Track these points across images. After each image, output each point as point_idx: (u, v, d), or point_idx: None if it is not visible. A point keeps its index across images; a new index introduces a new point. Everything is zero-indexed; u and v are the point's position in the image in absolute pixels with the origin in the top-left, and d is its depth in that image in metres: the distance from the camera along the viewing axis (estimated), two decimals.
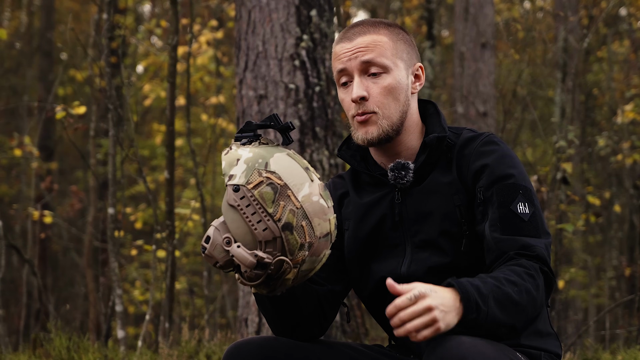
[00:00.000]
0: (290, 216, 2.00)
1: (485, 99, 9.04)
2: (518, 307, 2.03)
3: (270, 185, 2.01)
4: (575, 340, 6.31)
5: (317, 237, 2.03)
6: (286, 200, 2.01)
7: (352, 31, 2.25)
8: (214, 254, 2.04)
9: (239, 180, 2.03)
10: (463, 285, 1.96)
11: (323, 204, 2.04)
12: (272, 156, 2.04)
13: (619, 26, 11.48)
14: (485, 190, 2.18)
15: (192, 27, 7.34)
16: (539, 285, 2.08)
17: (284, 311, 2.19)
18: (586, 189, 10.29)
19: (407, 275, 2.21)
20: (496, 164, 2.20)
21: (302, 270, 2.05)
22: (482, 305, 1.97)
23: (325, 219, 2.04)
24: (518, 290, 2.04)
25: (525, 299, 2.04)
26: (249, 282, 2.05)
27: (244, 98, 4.86)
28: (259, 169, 2.03)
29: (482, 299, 1.97)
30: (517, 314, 2.04)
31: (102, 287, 7.92)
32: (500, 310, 2.00)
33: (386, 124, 2.21)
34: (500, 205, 2.16)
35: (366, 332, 5.03)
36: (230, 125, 10.41)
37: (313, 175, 2.06)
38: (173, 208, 5.86)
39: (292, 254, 2.02)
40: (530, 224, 2.15)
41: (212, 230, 2.05)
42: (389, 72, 2.22)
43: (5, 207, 12.76)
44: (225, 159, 2.07)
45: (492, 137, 2.25)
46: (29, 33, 14.73)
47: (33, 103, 11.78)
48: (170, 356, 4.93)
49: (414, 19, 11.38)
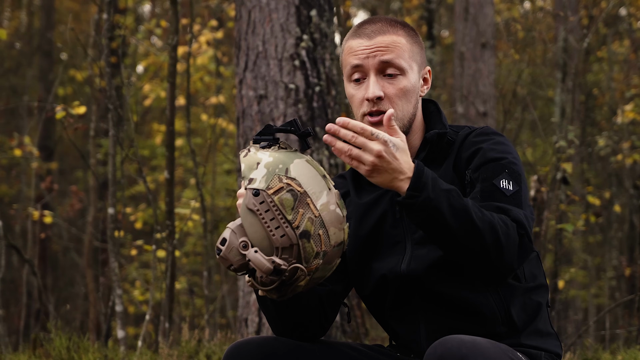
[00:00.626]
0: (308, 224, 2.00)
1: (485, 99, 9.05)
2: (472, 227, 2.00)
3: (290, 192, 2.01)
4: (575, 340, 6.32)
5: (332, 245, 2.04)
6: (305, 208, 2.01)
7: (371, 28, 2.23)
8: (229, 257, 2.03)
9: (259, 185, 2.02)
10: (424, 167, 1.99)
11: (339, 213, 2.05)
12: (292, 162, 2.04)
13: (619, 26, 11.48)
14: (473, 171, 2.18)
15: (192, 27, 7.34)
16: (510, 235, 2.03)
17: (286, 311, 2.19)
18: (586, 189, 10.29)
19: (407, 273, 2.21)
20: (488, 149, 2.19)
21: (314, 278, 2.06)
22: (431, 192, 1.97)
23: (340, 228, 2.05)
24: (481, 217, 2.01)
25: (487, 228, 2.00)
26: (261, 286, 2.05)
27: (244, 98, 4.86)
28: (279, 175, 2.02)
29: (435, 188, 1.98)
30: (469, 232, 2.00)
31: (102, 287, 7.91)
32: (451, 214, 1.98)
33: (398, 125, 2.21)
34: (484, 180, 2.15)
35: (366, 332, 5.03)
36: (230, 125, 10.40)
37: (330, 183, 2.06)
38: (173, 208, 5.86)
39: (308, 261, 2.02)
40: (511, 198, 2.12)
41: (228, 233, 2.04)
42: (405, 74, 2.21)
43: (5, 207, 12.76)
44: (245, 161, 2.06)
45: (487, 129, 2.26)
46: (29, 33, 14.72)
47: (33, 103, 11.78)
48: (170, 356, 4.93)
49: (414, 19, 11.38)
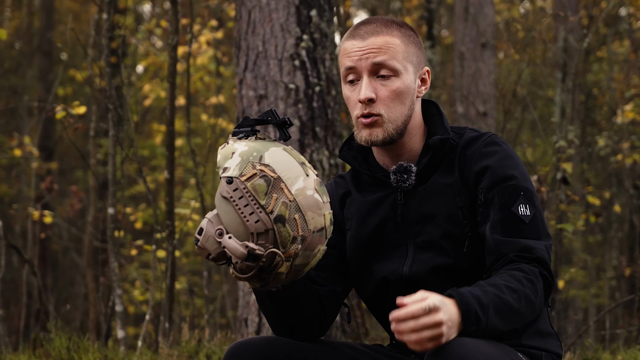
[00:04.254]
0: (282, 209, 2.00)
1: (485, 99, 9.04)
2: (517, 315, 2.04)
3: (263, 178, 2.01)
4: (575, 340, 6.31)
5: (310, 231, 2.03)
6: (279, 192, 2.00)
7: (365, 29, 2.22)
8: (207, 246, 2.04)
9: (233, 173, 2.04)
10: (464, 297, 1.95)
11: (318, 198, 2.04)
12: (267, 150, 2.05)
13: (619, 26, 11.47)
14: (486, 191, 2.18)
15: (192, 27, 7.34)
16: (538, 290, 2.08)
17: (285, 311, 2.19)
18: (586, 189, 10.28)
19: (408, 276, 2.21)
20: (498, 165, 2.19)
21: (295, 265, 2.05)
22: (482, 316, 1.96)
23: (319, 213, 2.04)
24: (517, 298, 2.04)
25: (524, 305, 2.05)
26: (241, 274, 2.04)
27: (244, 98, 4.86)
28: (253, 162, 2.03)
29: (482, 310, 1.97)
30: (515, 321, 2.05)
31: (102, 287, 7.91)
32: (499, 319, 2.00)
33: (391, 127, 2.20)
34: (502, 207, 2.15)
35: (366, 332, 5.03)
36: (230, 125, 10.40)
37: (309, 170, 2.05)
38: (173, 208, 5.86)
39: (285, 246, 2.01)
40: (530, 226, 2.14)
41: (205, 222, 2.06)
42: (399, 75, 2.20)
43: (5, 207, 12.76)
44: (221, 152, 2.09)
45: (494, 138, 2.25)
46: (29, 33, 14.71)
47: (33, 103, 11.77)
48: (170, 356, 4.93)
49: (414, 19, 11.38)
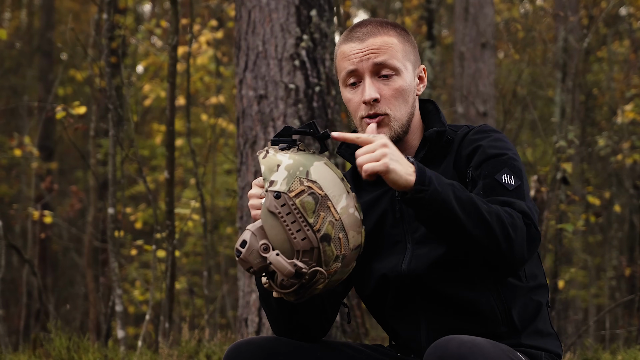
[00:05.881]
0: (329, 227, 2.01)
1: (485, 99, 9.04)
2: (481, 218, 2.00)
3: (311, 195, 2.01)
4: (575, 340, 6.32)
5: (350, 249, 2.05)
6: (326, 211, 2.01)
7: (361, 31, 2.23)
8: (250, 259, 2.03)
9: (281, 187, 2.02)
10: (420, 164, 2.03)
11: (357, 216, 2.06)
12: (312, 164, 2.05)
13: (619, 26, 11.47)
14: (474, 169, 2.18)
15: (192, 27, 7.34)
16: (517, 226, 2.04)
17: (292, 313, 2.19)
18: (586, 189, 10.28)
19: (407, 272, 2.21)
20: (488, 145, 2.19)
21: (332, 281, 2.07)
22: (437, 185, 1.98)
23: (358, 231, 2.06)
24: (487, 209, 2.01)
25: (495, 220, 2.01)
26: (281, 289, 2.05)
27: (244, 98, 4.86)
28: (300, 177, 2.03)
29: (439, 182, 1.99)
30: (478, 224, 2.00)
31: (102, 287, 7.92)
32: (458, 204, 1.99)
33: (397, 125, 2.22)
34: (485, 177, 2.15)
35: (366, 332, 5.03)
36: (231, 125, 10.40)
37: (348, 186, 2.07)
38: (173, 208, 5.86)
39: (327, 265, 2.03)
40: (514, 192, 2.12)
41: (248, 235, 2.03)
42: (400, 74, 2.21)
43: (5, 207, 12.76)
44: (265, 163, 2.06)
45: (485, 126, 2.26)
46: (29, 33, 14.72)
47: (33, 103, 11.77)
48: (170, 356, 4.93)
49: (414, 19, 11.38)
